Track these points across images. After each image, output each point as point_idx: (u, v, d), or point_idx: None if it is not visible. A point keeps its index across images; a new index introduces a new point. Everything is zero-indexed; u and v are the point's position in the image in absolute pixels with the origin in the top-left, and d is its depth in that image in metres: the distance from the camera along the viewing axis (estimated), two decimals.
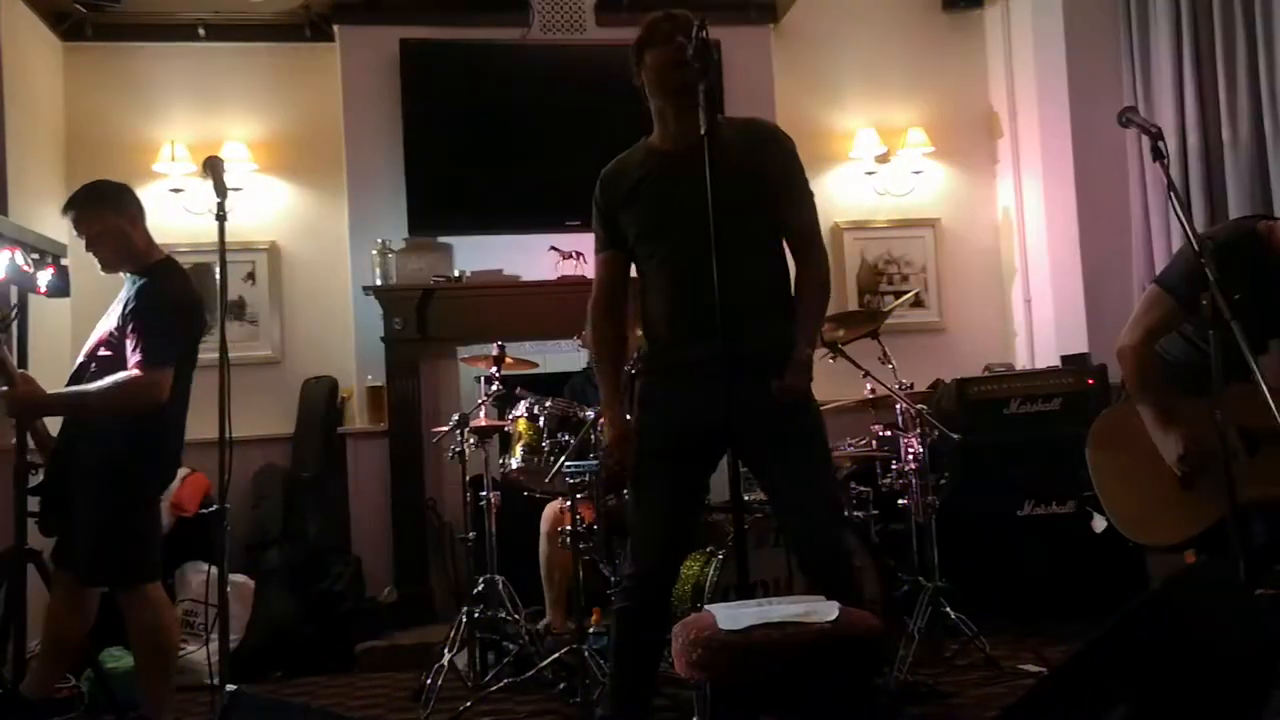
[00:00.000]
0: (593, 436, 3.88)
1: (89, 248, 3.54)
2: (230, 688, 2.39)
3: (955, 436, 4.07)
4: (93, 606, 3.61)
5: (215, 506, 2.62)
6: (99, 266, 3.59)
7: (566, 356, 5.40)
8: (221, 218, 2.72)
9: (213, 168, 2.80)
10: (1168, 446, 3.23)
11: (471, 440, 4.30)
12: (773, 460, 2.86)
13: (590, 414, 3.93)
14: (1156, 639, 2.05)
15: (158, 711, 3.45)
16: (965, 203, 6.42)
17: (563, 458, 3.86)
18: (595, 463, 3.84)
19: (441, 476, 5.67)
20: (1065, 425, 5.05)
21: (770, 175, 2.92)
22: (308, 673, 4.88)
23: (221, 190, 2.74)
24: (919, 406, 4.08)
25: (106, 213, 3.52)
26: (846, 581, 2.93)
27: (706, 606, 2.17)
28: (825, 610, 2.04)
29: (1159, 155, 2.65)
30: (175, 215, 5.68)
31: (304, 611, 5.13)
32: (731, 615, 2.06)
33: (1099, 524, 3.95)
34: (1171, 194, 2.63)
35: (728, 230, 2.62)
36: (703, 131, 2.65)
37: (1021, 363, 6.16)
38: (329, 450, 5.69)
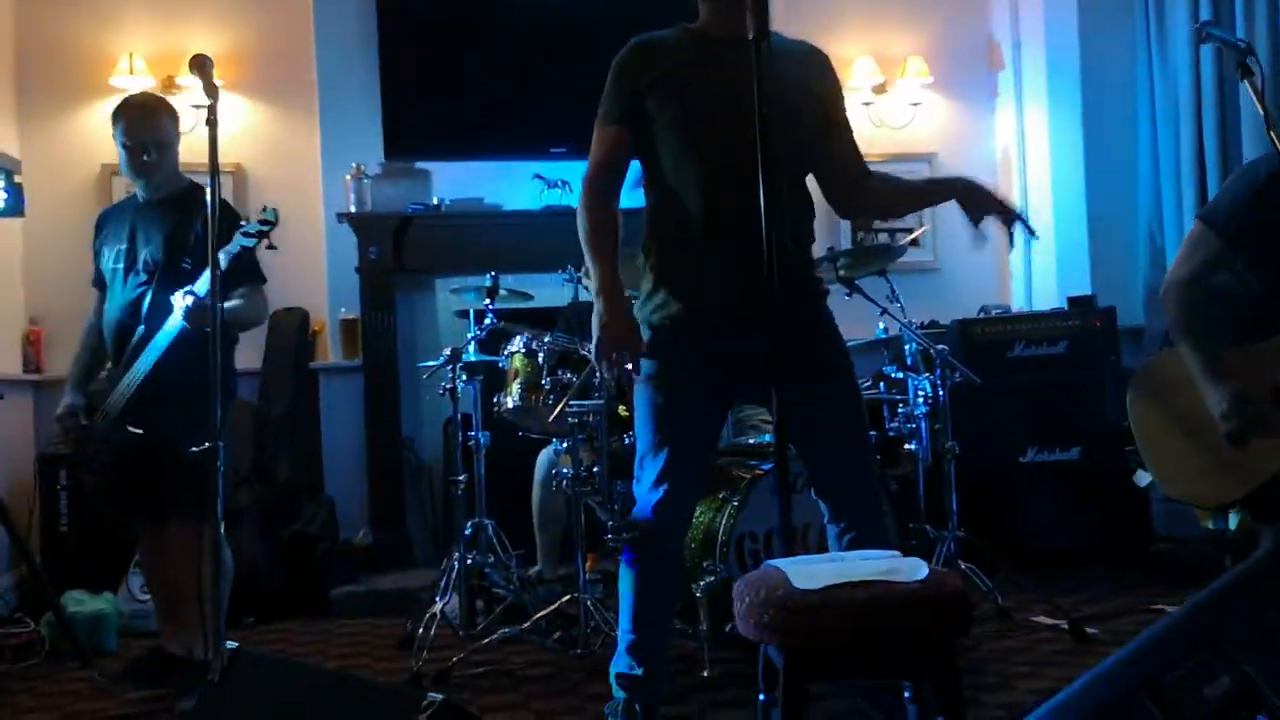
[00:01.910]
0: (597, 375, 3.64)
1: (152, 155, 3.43)
2: (230, 645, 2.15)
3: (978, 380, 3.89)
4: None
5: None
6: (147, 178, 3.46)
7: (555, 290, 5.14)
8: (213, 122, 2.43)
9: (200, 66, 2.52)
10: (1216, 401, 2.99)
11: (463, 377, 4.05)
12: (810, 404, 2.63)
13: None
14: (1265, 609, 1.88)
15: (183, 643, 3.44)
16: (963, 137, 6.20)
17: (566, 397, 3.61)
18: (599, 402, 3.62)
19: (419, 415, 5.45)
20: (1072, 369, 4.91)
21: (827, 98, 2.73)
22: (281, 618, 4.64)
23: (212, 91, 2.46)
24: (940, 347, 3.88)
25: (175, 125, 3.52)
26: (883, 531, 2.78)
27: (771, 562, 1.95)
28: (912, 568, 1.83)
29: (1248, 72, 2.44)
30: None
31: (275, 554, 4.87)
32: (806, 572, 1.84)
33: (1142, 478, 3.81)
34: (1268, 122, 2.42)
35: (782, 144, 2.37)
36: (750, 36, 2.38)
37: (1018, 305, 6.00)
38: (299, 386, 5.40)
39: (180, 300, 3.16)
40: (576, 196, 2.92)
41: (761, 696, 2.03)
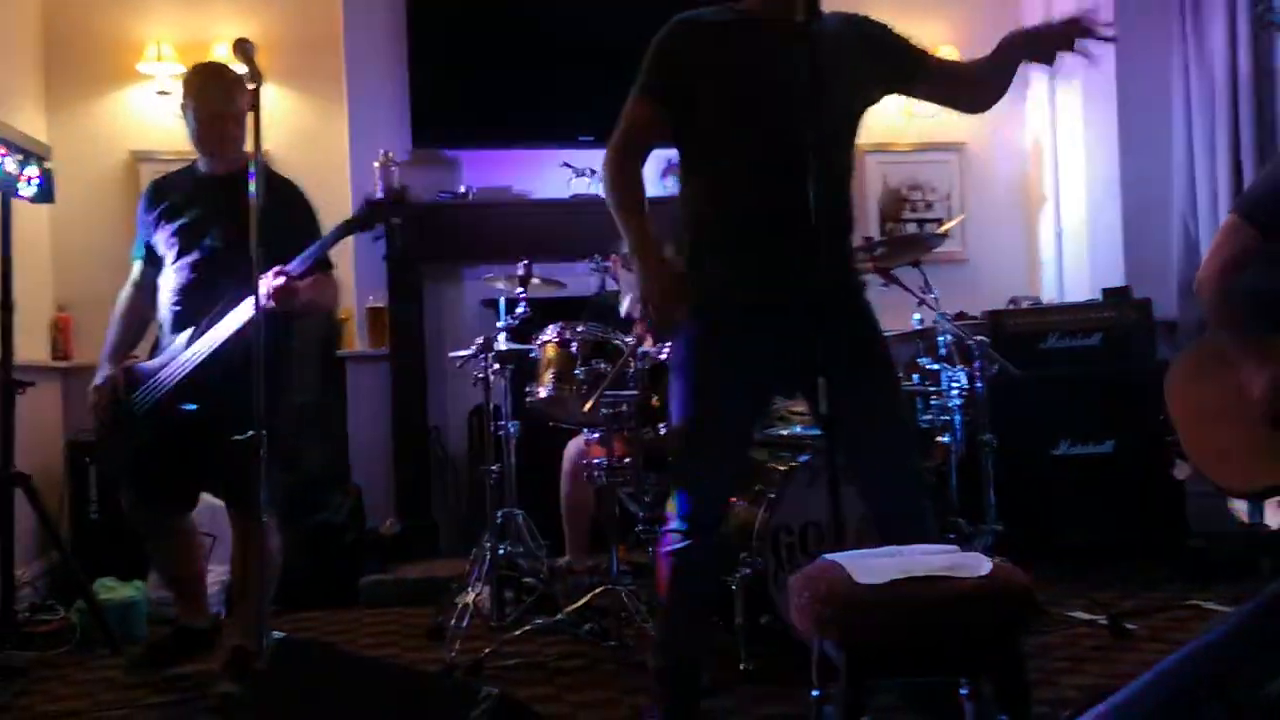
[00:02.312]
0: (632, 365, 3.61)
1: (228, 127, 3.27)
2: (276, 634, 2.12)
3: (1018, 373, 3.84)
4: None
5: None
6: (219, 151, 3.32)
7: (582, 280, 5.10)
8: (256, 106, 2.40)
9: (244, 50, 2.48)
10: (1256, 383, 2.98)
11: (495, 366, 4.02)
12: (851, 398, 2.58)
13: (629, 340, 3.66)
14: None
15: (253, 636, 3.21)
16: (994, 127, 6.11)
17: (601, 387, 3.58)
18: (633, 393, 3.59)
19: (445, 404, 5.43)
20: (1106, 361, 4.86)
21: (889, 59, 2.73)
22: (307, 606, 4.62)
23: (256, 75, 2.42)
24: (980, 338, 3.84)
25: (245, 96, 3.14)
26: (926, 531, 2.72)
27: (828, 555, 1.92)
28: (975, 563, 1.80)
29: None
30: (163, 119, 5.27)
31: (302, 543, 4.85)
32: (866, 567, 1.81)
33: (1182, 470, 3.72)
34: None
35: (828, 131, 2.33)
36: (800, 18, 2.35)
37: (1048, 296, 5.94)
38: (326, 374, 5.40)
39: (268, 281, 2.98)
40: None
41: (815, 692, 2.00)
